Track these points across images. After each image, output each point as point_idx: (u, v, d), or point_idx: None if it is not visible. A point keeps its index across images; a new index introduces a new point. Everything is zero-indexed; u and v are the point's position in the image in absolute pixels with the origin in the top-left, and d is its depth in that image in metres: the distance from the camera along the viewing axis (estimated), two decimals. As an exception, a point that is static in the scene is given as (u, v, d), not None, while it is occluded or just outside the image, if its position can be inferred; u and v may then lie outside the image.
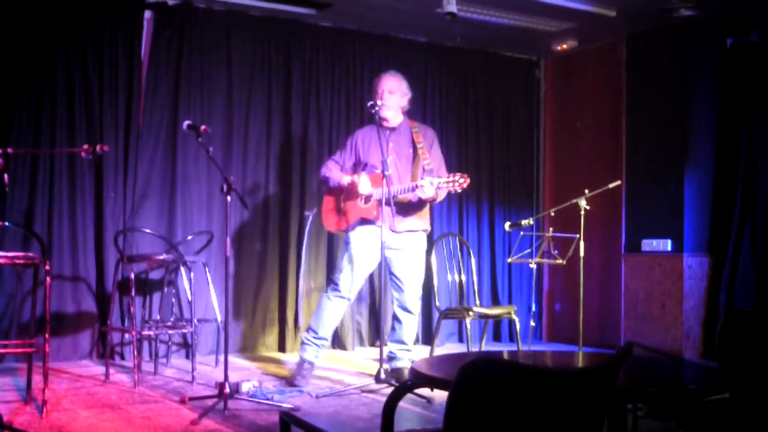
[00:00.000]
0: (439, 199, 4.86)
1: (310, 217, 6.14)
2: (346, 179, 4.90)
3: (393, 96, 4.91)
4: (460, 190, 4.66)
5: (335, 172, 4.98)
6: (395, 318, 4.99)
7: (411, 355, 5.03)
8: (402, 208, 4.80)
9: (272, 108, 6.42)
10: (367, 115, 5.70)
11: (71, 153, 5.53)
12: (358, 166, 4.99)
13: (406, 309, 4.94)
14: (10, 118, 5.47)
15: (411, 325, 4.98)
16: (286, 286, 6.37)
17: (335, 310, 4.94)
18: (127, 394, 4.53)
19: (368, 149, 4.95)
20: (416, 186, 4.66)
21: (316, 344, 4.93)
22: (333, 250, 6.50)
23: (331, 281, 5.04)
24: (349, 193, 4.92)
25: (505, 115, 7.52)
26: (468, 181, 4.61)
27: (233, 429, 3.78)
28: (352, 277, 4.90)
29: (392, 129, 4.93)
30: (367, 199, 4.84)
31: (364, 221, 4.87)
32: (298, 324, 6.36)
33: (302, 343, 5.00)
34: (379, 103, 4.80)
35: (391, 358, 4.98)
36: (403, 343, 4.98)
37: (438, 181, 4.62)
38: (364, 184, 4.81)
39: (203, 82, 6.14)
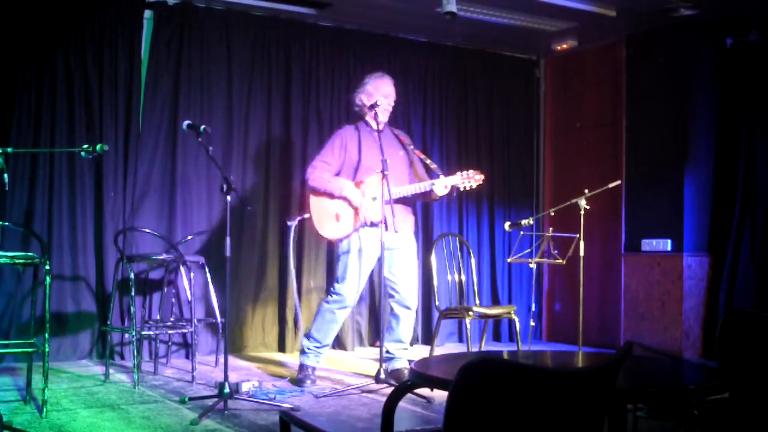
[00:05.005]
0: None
1: (293, 227, 5.72)
2: (343, 187, 4.82)
3: (390, 99, 4.98)
4: (475, 186, 4.85)
5: (328, 177, 4.87)
6: (394, 315, 4.96)
7: (409, 354, 5.03)
8: (398, 208, 4.80)
9: (272, 108, 6.42)
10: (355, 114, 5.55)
11: (71, 152, 5.53)
12: (348, 167, 4.93)
13: (405, 305, 4.93)
14: (9, 117, 5.47)
15: (409, 321, 4.97)
16: (285, 286, 6.36)
17: (339, 320, 4.95)
18: (127, 393, 4.54)
19: (362, 150, 4.92)
20: (433, 184, 4.81)
21: (318, 352, 4.94)
22: (333, 249, 6.48)
23: (333, 292, 4.91)
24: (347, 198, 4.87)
25: (505, 114, 7.51)
26: (483, 176, 4.88)
27: (233, 429, 3.78)
28: (357, 285, 4.89)
29: (378, 131, 4.85)
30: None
31: (371, 224, 4.84)
32: (297, 324, 6.35)
33: (303, 351, 4.97)
34: (392, 103, 4.95)
35: (389, 358, 4.95)
36: (401, 342, 4.97)
37: (453, 179, 4.82)
38: (359, 201, 4.81)
39: (203, 82, 6.13)
